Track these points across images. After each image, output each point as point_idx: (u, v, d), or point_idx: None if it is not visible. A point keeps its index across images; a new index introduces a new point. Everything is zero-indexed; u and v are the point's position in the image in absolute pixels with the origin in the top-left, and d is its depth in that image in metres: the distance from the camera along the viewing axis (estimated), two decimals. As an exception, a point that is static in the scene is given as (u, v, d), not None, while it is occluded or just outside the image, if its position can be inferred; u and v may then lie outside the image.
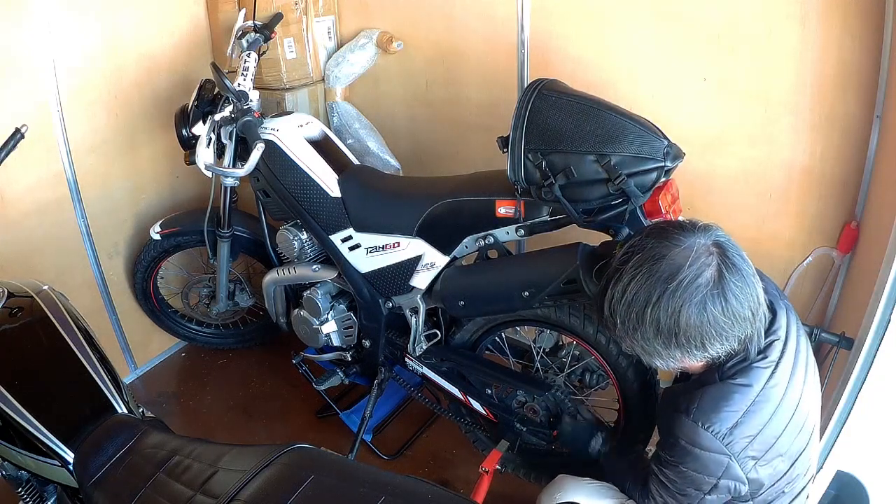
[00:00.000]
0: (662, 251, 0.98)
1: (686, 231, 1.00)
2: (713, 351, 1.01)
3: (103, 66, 2.12)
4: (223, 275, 2.25)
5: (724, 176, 1.89)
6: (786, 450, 1.08)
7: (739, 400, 1.03)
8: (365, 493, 0.89)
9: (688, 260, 0.96)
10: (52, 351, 1.29)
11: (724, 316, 0.97)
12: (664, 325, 0.98)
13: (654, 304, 0.97)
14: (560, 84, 1.46)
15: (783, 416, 1.06)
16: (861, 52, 1.62)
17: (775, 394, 1.05)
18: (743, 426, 1.03)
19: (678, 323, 0.97)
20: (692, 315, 0.96)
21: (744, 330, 1.00)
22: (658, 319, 0.97)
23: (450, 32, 2.19)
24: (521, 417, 1.75)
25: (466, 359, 1.81)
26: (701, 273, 0.96)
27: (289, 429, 2.27)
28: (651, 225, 1.10)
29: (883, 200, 1.59)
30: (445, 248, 1.69)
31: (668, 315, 0.97)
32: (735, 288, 0.97)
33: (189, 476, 1.04)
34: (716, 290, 0.96)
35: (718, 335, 0.98)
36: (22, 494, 1.29)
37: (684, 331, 0.97)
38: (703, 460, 1.05)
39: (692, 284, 0.95)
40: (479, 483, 1.74)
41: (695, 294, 0.95)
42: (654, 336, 1.00)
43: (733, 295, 0.97)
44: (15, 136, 1.50)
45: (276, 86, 2.31)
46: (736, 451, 1.04)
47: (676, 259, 0.97)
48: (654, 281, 0.97)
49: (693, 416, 1.04)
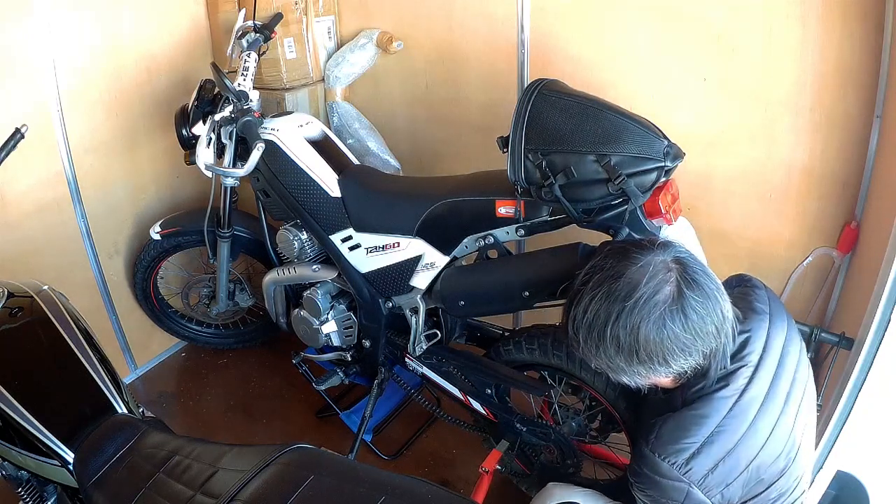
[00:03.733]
0: (621, 269, 0.99)
1: (645, 249, 1.01)
2: (677, 366, 1.01)
3: (103, 66, 2.12)
4: (223, 275, 2.25)
5: (724, 176, 1.89)
6: (758, 475, 1.06)
7: (696, 432, 1.03)
8: (365, 493, 0.89)
9: (645, 277, 0.97)
10: (52, 351, 1.29)
11: (685, 332, 0.97)
12: (624, 343, 0.98)
13: (612, 322, 0.98)
14: (560, 84, 1.46)
15: (752, 444, 1.04)
16: (861, 52, 1.62)
17: (738, 424, 1.03)
18: (701, 457, 1.02)
19: (637, 340, 0.97)
20: (651, 332, 0.97)
21: (707, 345, 1.00)
22: (618, 337, 0.98)
23: (450, 32, 2.19)
24: (521, 418, 1.76)
25: (466, 359, 1.81)
26: (659, 289, 0.97)
27: (289, 429, 2.27)
28: (610, 244, 1.10)
29: (883, 200, 1.59)
30: (445, 248, 1.69)
31: (628, 333, 0.97)
32: (695, 303, 0.97)
33: (189, 476, 1.04)
34: (675, 306, 0.96)
35: (681, 351, 0.98)
36: (22, 494, 1.29)
37: (644, 347, 0.98)
38: (663, 487, 1.04)
39: (650, 301, 0.96)
40: (479, 483, 1.74)
41: (653, 311, 0.96)
42: (615, 353, 1.00)
43: (693, 310, 0.97)
44: (15, 136, 1.50)
45: (276, 86, 2.31)
46: (695, 479, 1.02)
47: (634, 277, 0.98)
48: (613, 299, 0.98)
49: (651, 447, 1.05)
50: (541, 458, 1.80)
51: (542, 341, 1.66)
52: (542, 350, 1.66)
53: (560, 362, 1.63)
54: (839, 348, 1.57)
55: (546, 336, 1.67)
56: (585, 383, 1.63)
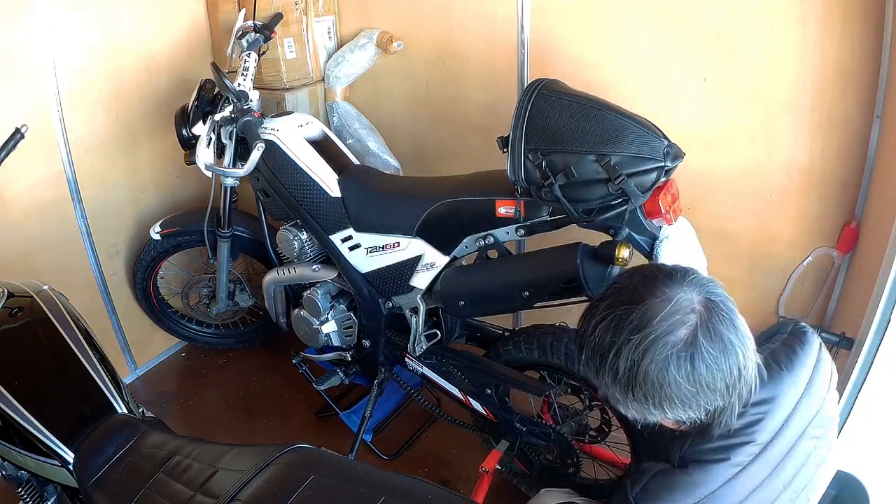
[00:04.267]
0: (642, 296, 0.91)
1: (676, 281, 0.91)
2: (672, 415, 0.93)
3: (103, 66, 2.12)
4: (223, 275, 2.25)
5: (724, 176, 1.89)
6: None
7: (682, 498, 0.95)
8: (365, 493, 0.89)
9: (663, 312, 0.88)
10: (52, 351, 1.30)
11: (689, 382, 0.88)
12: (622, 376, 0.91)
13: (615, 351, 0.90)
14: (560, 84, 1.46)
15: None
16: (861, 52, 1.62)
17: (731, 498, 0.95)
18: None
19: (635, 376, 0.89)
20: (652, 372, 0.88)
21: (711, 402, 0.90)
22: (617, 368, 0.90)
23: (450, 32, 2.19)
24: (521, 418, 1.76)
25: (466, 359, 1.81)
26: (673, 330, 0.87)
27: (289, 429, 2.27)
28: (645, 266, 1.01)
29: (883, 200, 1.59)
30: (445, 248, 1.69)
31: (628, 367, 0.90)
32: (707, 355, 0.87)
33: (189, 476, 1.04)
34: (684, 352, 0.87)
35: (680, 401, 0.90)
36: (22, 494, 1.29)
37: (641, 386, 0.90)
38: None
39: (659, 340, 0.87)
40: (479, 483, 1.74)
41: (660, 351, 0.87)
42: (611, 382, 0.93)
43: (703, 362, 0.87)
44: (15, 136, 1.50)
45: (276, 86, 2.31)
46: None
47: (652, 309, 0.89)
48: (622, 328, 0.90)
49: (634, 496, 0.98)
50: (541, 459, 1.80)
51: (541, 341, 1.67)
52: (542, 350, 1.66)
53: (559, 362, 1.63)
54: (839, 348, 1.57)
55: (546, 336, 1.67)
56: (586, 383, 1.63)
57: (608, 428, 1.78)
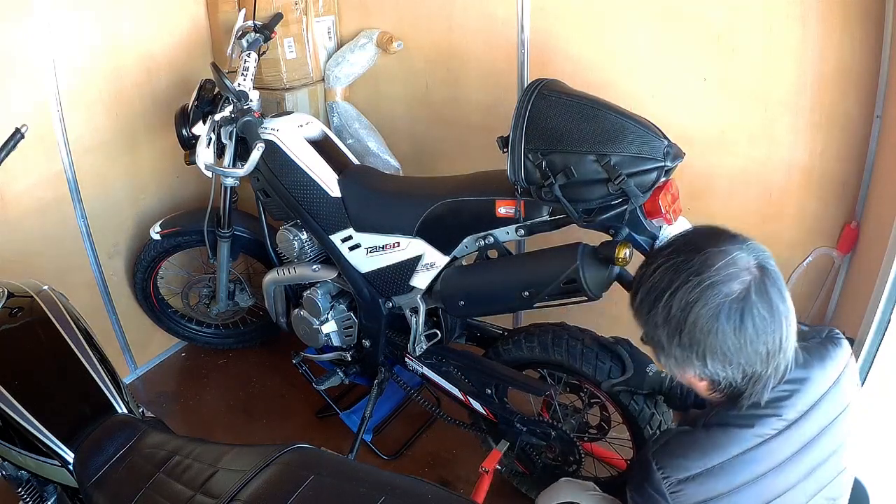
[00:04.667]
0: (704, 246, 0.94)
1: (736, 242, 0.95)
2: (712, 368, 0.94)
3: (103, 66, 2.12)
4: (223, 275, 2.25)
5: (724, 176, 1.89)
6: None
7: (702, 457, 0.97)
8: (365, 493, 0.89)
9: (721, 263, 0.91)
10: (52, 351, 1.29)
11: (735, 336, 0.90)
12: (672, 317, 0.93)
13: (672, 291, 0.93)
14: (560, 84, 1.46)
15: (752, 499, 0.96)
16: (861, 52, 1.62)
17: (746, 470, 0.96)
18: (695, 485, 0.96)
19: (686, 319, 0.92)
20: (702, 318, 0.91)
21: (751, 364, 0.92)
22: (670, 308, 0.93)
23: (450, 32, 2.19)
24: (521, 418, 1.76)
25: (466, 359, 1.81)
26: (728, 281, 0.90)
27: (289, 429, 2.27)
28: (706, 226, 1.03)
29: (883, 200, 1.59)
30: (445, 248, 1.69)
31: (680, 307, 0.92)
32: (756, 315, 0.90)
33: (189, 476, 1.04)
34: (736, 304, 0.90)
35: (722, 354, 0.92)
36: (22, 494, 1.29)
37: (689, 331, 0.92)
38: (647, 498, 0.99)
39: (714, 287, 0.90)
40: (479, 483, 1.74)
41: (713, 298, 0.90)
42: (662, 324, 0.95)
43: (752, 320, 0.90)
44: (15, 136, 1.50)
45: (276, 86, 2.31)
46: (698, 489, 0.96)
47: (713, 258, 0.92)
48: (682, 270, 0.93)
49: (653, 453, 1.00)
50: (542, 458, 1.80)
51: (542, 339, 1.67)
52: (543, 347, 1.66)
53: (560, 358, 1.63)
54: (839, 348, 1.57)
55: (546, 333, 1.67)
56: (586, 378, 1.63)
57: (608, 425, 1.78)
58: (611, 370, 1.57)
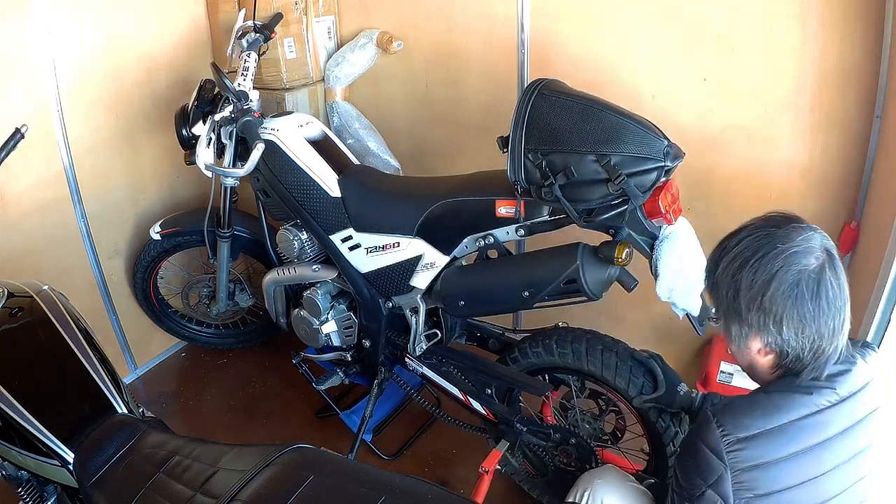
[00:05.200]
0: (783, 224, 1.03)
1: (810, 226, 1.03)
2: (786, 336, 0.99)
3: (103, 66, 2.12)
4: (223, 275, 2.25)
5: (724, 176, 1.89)
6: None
7: (761, 416, 1.00)
8: (365, 493, 0.89)
9: (801, 238, 0.99)
10: (52, 351, 1.29)
11: (811, 302, 0.97)
12: (756, 281, 0.99)
13: (757, 258, 1.00)
14: (560, 84, 1.46)
15: (799, 471, 0.99)
16: (861, 52, 1.62)
17: (801, 437, 0.99)
18: (754, 445, 0.99)
19: (770, 283, 0.98)
20: (784, 283, 0.98)
21: (819, 335, 0.98)
22: (755, 272, 0.99)
23: (450, 32, 2.19)
24: (521, 417, 1.75)
25: (466, 359, 1.81)
26: (808, 255, 0.98)
27: (289, 429, 2.27)
28: (781, 210, 1.09)
29: (883, 200, 1.59)
30: (445, 248, 1.69)
31: (764, 272, 0.99)
32: (829, 289, 0.97)
33: (189, 476, 1.04)
34: (813, 276, 0.97)
35: (797, 321, 0.98)
36: (22, 494, 1.29)
37: (772, 295, 0.98)
38: (700, 459, 1.01)
39: (796, 256, 0.98)
40: (479, 483, 1.74)
41: (794, 266, 0.97)
42: (745, 289, 1.00)
43: (826, 292, 0.97)
44: (15, 136, 1.50)
45: (276, 86, 2.31)
46: (734, 466, 0.99)
47: (793, 234, 1.00)
48: (770, 239, 1.01)
49: (714, 411, 1.03)
50: (555, 462, 1.80)
51: (575, 346, 1.62)
52: (576, 356, 1.62)
53: (594, 369, 1.60)
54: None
55: (579, 341, 1.63)
56: (617, 391, 1.61)
57: (621, 433, 1.78)
58: (643, 386, 1.55)
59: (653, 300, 1.44)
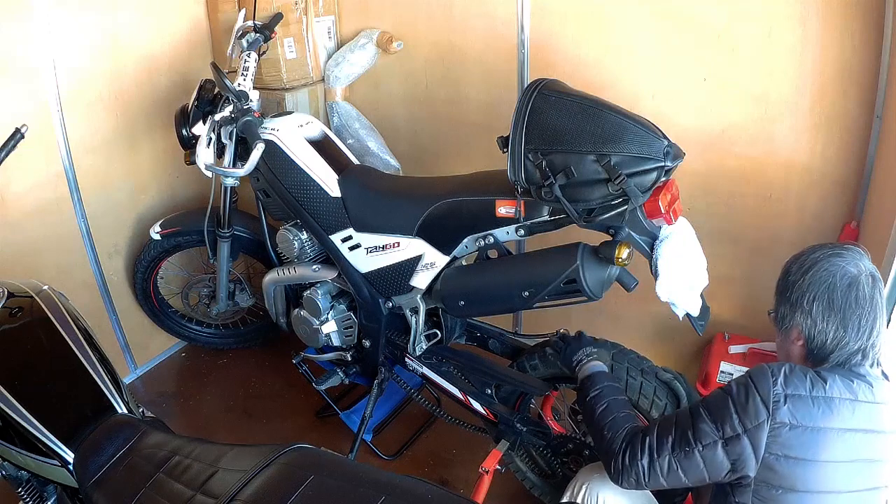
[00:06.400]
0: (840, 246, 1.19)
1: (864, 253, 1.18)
2: (815, 316, 1.12)
3: (103, 66, 2.12)
4: (223, 275, 2.25)
5: (724, 176, 1.89)
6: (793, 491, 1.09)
7: (811, 384, 1.09)
8: (365, 493, 0.89)
9: (852, 255, 1.15)
10: (52, 351, 1.29)
11: (841, 294, 1.10)
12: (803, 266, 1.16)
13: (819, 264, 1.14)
14: (560, 84, 1.46)
15: (824, 449, 1.07)
16: (861, 52, 1.62)
17: (837, 416, 1.08)
18: (794, 405, 1.07)
19: (812, 268, 1.14)
20: (822, 271, 1.13)
21: (843, 326, 1.11)
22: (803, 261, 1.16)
23: (450, 32, 2.19)
24: (521, 417, 1.75)
25: (466, 359, 1.81)
26: (855, 266, 1.12)
27: (289, 429, 2.27)
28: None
29: (883, 200, 1.59)
30: (445, 247, 1.69)
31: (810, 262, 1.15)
32: (862, 291, 1.10)
33: (189, 476, 1.04)
34: (851, 278, 1.11)
35: (826, 305, 1.11)
36: (22, 494, 1.29)
37: (811, 276, 1.13)
38: (751, 403, 1.09)
39: (843, 261, 1.13)
40: (479, 483, 1.74)
41: (838, 266, 1.12)
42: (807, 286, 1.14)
43: (858, 292, 1.10)
44: (15, 136, 1.50)
45: (276, 86, 2.31)
46: (776, 418, 1.07)
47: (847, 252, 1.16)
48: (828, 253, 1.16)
49: (770, 365, 1.12)
50: (563, 469, 1.79)
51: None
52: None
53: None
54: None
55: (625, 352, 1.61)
56: (638, 410, 1.58)
57: None
58: (665, 407, 1.54)
59: (653, 300, 1.44)
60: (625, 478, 1.22)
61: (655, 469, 1.17)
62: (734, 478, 1.13)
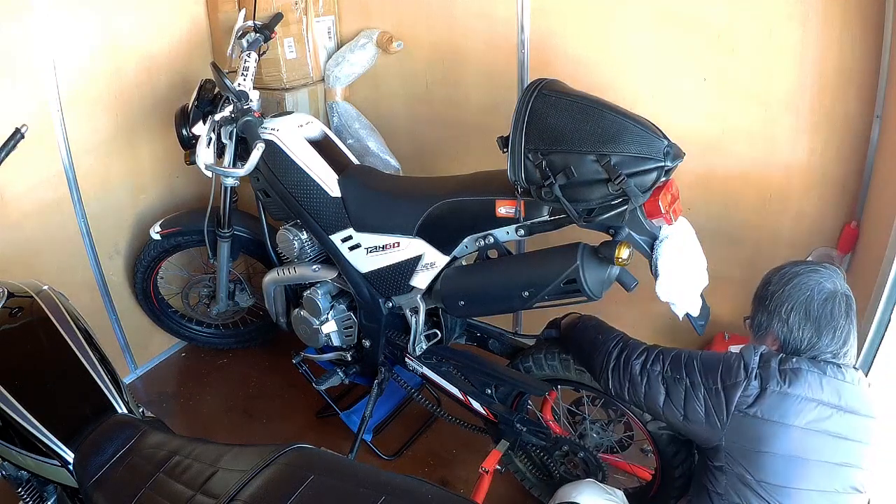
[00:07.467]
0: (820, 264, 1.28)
1: (839, 273, 1.26)
2: (791, 323, 1.22)
3: (103, 66, 2.12)
4: (223, 275, 2.25)
5: (724, 176, 1.89)
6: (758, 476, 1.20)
7: (776, 358, 1.20)
8: (365, 493, 0.89)
9: (829, 273, 1.24)
10: (52, 351, 1.29)
11: (818, 305, 1.19)
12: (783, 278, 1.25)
13: (799, 278, 1.24)
14: (560, 84, 1.46)
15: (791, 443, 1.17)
16: (861, 52, 1.62)
17: (805, 415, 1.16)
18: (778, 371, 1.19)
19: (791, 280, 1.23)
20: (802, 284, 1.22)
21: (817, 334, 1.20)
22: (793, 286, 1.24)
23: (450, 32, 2.19)
24: (521, 417, 1.75)
25: (466, 359, 1.81)
26: (831, 282, 1.22)
27: (289, 429, 2.27)
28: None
29: (883, 200, 1.59)
30: (445, 247, 1.69)
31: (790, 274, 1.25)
32: (838, 306, 1.19)
33: (189, 476, 1.04)
34: (828, 293, 1.20)
35: (802, 314, 1.21)
36: (22, 494, 1.29)
37: (791, 287, 1.22)
38: (734, 365, 1.22)
39: (820, 277, 1.22)
40: (479, 483, 1.74)
41: (814, 280, 1.22)
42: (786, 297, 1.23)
43: (834, 306, 1.19)
44: (15, 136, 1.50)
45: (276, 86, 2.31)
46: (763, 378, 1.18)
47: (824, 269, 1.25)
48: (804, 269, 1.25)
49: (760, 350, 1.23)
50: (561, 470, 1.79)
51: None
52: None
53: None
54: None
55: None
56: (634, 416, 1.60)
57: (630, 440, 1.77)
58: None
59: (653, 300, 1.44)
60: (613, 376, 1.35)
61: (645, 377, 1.30)
62: (709, 445, 1.25)
